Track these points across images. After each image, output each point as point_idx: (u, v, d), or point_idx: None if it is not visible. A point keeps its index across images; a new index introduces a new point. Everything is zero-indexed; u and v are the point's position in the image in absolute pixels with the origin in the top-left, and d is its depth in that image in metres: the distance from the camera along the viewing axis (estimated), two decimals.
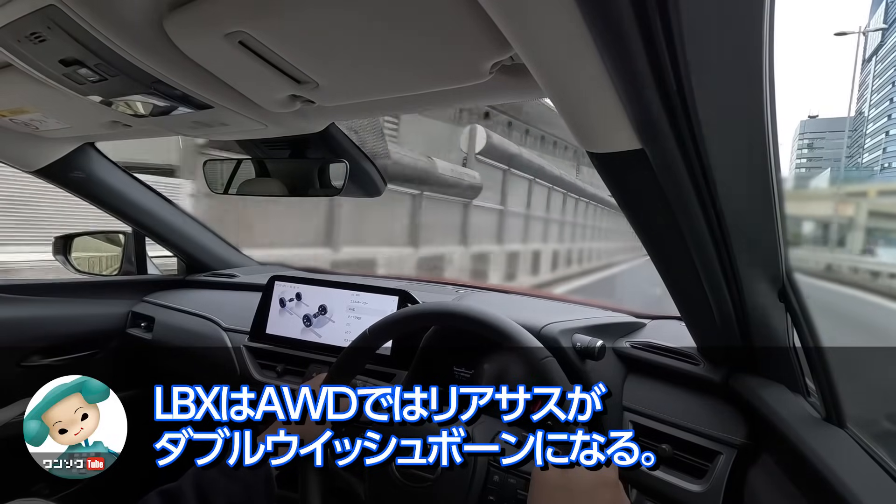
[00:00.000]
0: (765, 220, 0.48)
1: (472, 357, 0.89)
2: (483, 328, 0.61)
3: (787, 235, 0.50)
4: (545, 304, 1.11)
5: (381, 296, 1.02)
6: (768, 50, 0.31)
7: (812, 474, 0.50)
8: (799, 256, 4.36)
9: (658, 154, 0.41)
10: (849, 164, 67.66)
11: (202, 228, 1.45)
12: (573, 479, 0.48)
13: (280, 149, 0.87)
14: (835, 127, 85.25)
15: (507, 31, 0.35)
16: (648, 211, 0.51)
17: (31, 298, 1.14)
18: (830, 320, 3.52)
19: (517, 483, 0.56)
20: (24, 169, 1.08)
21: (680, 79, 0.33)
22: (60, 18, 0.44)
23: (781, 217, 0.48)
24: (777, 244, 0.52)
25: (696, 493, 0.66)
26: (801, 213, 12.28)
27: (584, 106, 0.41)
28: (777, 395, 0.64)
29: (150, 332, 1.27)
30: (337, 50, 0.48)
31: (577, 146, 0.45)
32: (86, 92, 0.61)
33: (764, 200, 0.46)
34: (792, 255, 0.54)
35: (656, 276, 0.62)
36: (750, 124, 0.38)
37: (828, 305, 5.86)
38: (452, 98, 0.63)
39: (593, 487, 0.48)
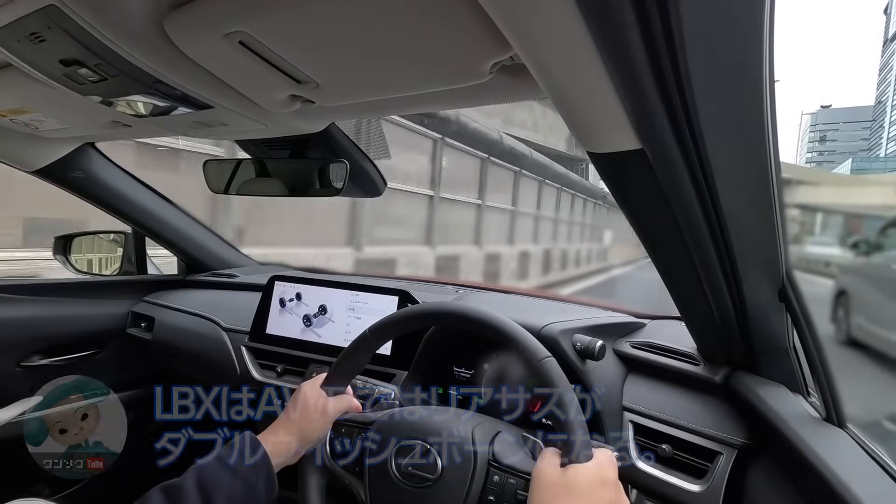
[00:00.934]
0: (765, 219, 0.48)
1: (472, 357, 0.89)
2: (483, 328, 0.61)
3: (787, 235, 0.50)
4: (545, 304, 1.11)
5: (381, 296, 1.02)
6: (768, 49, 0.31)
7: (812, 474, 0.50)
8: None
9: (658, 154, 0.41)
10: (869, 157, 64.89)
11: (202, 228, 1.45)
12: (573, 480, 0.48)
13: (280, 149, 0.87)
14: (851, 117, 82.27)
15: (507, 31, 0.35)
16: (648, 211, 0.51)
17: (31, 298, 1.15)
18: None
19: (517, 483, 0.56)
20: (25, 169, 1.08)
21: (680, 78, 0.33)
22: (60, 18, 0.44)
23: (781, 217, 0.48)
24: (777, 244, 0.52)
25: (696, 493, 0.66)
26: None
27: (584, 106, 0.41)
28: (777, 395, 0.64)
29: (150, 332, 1.27)
30: (337, 50, 0.48)
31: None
32: (86, 92, 0.61)
33: (764, 200, 0.46)
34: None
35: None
36: (750, 124, 0.38)
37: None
38: (452, 98, 0.63)
39: (593, 487, 0.48)
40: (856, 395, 0.68)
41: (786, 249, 0.53)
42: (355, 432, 0.67)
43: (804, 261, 5.47)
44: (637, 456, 0.73)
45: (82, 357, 1.22)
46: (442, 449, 0.59)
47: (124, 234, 1.42)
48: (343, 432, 0.68)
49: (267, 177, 0.91)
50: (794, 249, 0.54)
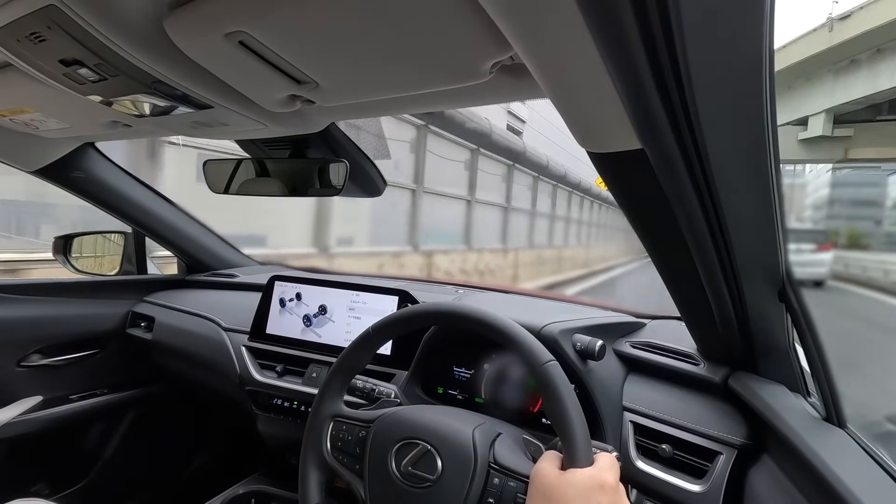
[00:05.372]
0: (765, 219, 0.48)
1: (472, 357, 0.89)
2: (487, 330, 0.61)
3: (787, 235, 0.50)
4: (545, 304, 1.11)
5: (381, 296, 1.02)
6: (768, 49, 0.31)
7: (812, 474, 0.50)
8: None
9: (658, 154, 0.41)
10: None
11: (202, 228, 1.45)
12: (571, 484, 0.48)
13: (280, 149, 0.87)
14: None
15: (507, 31, 0.35)
16: (648, 211, 0.51)
17: (31, 298, 1.15)
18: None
19: (517, 486, 0.56)
20: (25, 169, 1.08)
21: (680, 79, 0.33)
22: (60, 18, 0.44)
23: (781, 217, 0.48)
24: (777, 244, 0.52)
25: (696, 494, 0.66)
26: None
27: (584, 106, 0.41)
28: (777, 395, 0.64)
29: (150, 332, 1.27)
30: (337, 50, 0.48)
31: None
32: (86, 92, 0.61)
33: (764, 200, 0.46)
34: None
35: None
36: (750, 124, 0.38)
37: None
38: (452, 98, 0.63)
39: (591, 492, 0.48)
40: None
41: (786, 249, 0.53)
42: (356, 430, 0.67)
43: None
44: (637, 456, 0.73)
45: (82, 357, 1.22)
46: (442, 450, 0.59)
47: (124, 234, 1.42)
48: (344, 430, 0.68)
49: (267, 177, 0.91)
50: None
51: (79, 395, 1.23)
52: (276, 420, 1.05)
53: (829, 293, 9.29)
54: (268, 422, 1.07)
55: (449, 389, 0.90)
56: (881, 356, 5.14)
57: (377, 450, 0.63)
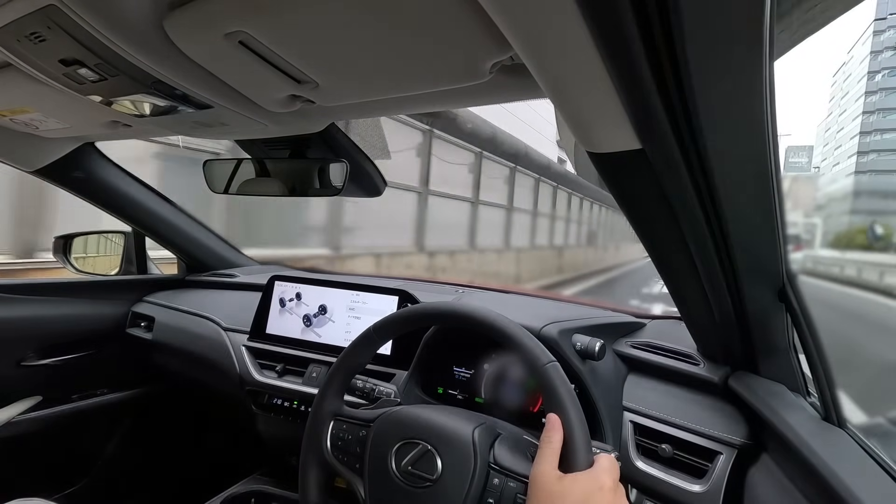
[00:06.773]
0: (765, 219, 0.48)
1: (472, 357, 0.89)
2: (488, 330, 0.61)
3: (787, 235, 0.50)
4: (545, 304, 1.11)
5: (381, 296, 1.02)
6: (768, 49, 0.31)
7: (812, 474, 0.50)
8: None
9: (658, 154, 0.41)
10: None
11: (202, 228, 1.45)
12: (569, 486, 0.48)
13: (280, 148, 0.87)
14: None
15: (507, 31, 0.35)
16: (648, 211, 0.51)
17: (31, 298, 1.15)
18: None
19: (517, 487, 0.56)
20: (25, 169, 1.08)
21: (680, 79, 0.33)
22: (60, 18, 0.44)
23: (781, 217, 0.48)
24: (777, 244, 0.52)
25: (696, 493, 0.66)
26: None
27: (584, 106, 0.41)
28: (777, 395, 0.64)
29: (150, 332, 1.27)
30: (337, 50, 0.48)
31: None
32: (86, 92, 0.61)
33: (764, 200, 0.46)
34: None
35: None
36: (750, 124, 0.38)
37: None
38: (452, 98, 0.63)
39: (589, 494, 0.48)
40: None
41: (786, 249, 0.53)
42: (357, 430, 0.67)
43: None
44: (637, 456, 0.74)
45: (82, 357, 1.22)
46: (442, 450, 0.59)
47: (124, 234, 1.42)
48: (345, 429, 0.68)
49: (267, 177, 0.91)
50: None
51: (79, 395, 1.23)
52: (275, 420, 1.05)
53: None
54: (268, 421, 1.07)
55: (449, 389, 0.90)
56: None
57: (377, 449, 0.63)
